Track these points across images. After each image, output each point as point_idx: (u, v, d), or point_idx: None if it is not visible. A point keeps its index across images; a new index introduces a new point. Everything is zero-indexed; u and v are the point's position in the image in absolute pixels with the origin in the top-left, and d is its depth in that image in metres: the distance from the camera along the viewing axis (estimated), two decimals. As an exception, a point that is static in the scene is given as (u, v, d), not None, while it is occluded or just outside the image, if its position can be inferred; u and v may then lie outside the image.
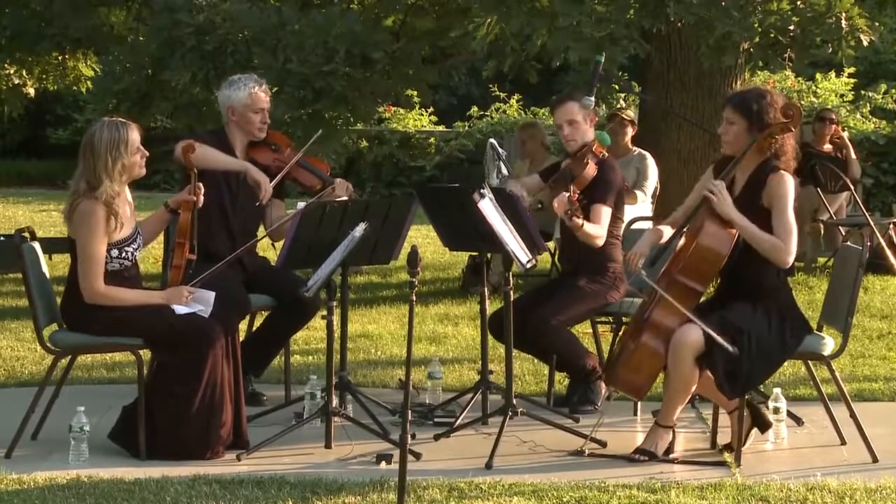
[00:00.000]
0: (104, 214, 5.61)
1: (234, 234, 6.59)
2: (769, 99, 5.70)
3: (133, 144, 5.69)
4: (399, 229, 6.14)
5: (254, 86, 6.61)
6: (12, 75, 12.44)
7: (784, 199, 5.57)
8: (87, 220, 5.61)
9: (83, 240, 5.63)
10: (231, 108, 6.63)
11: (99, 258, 5.63)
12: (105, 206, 5.61)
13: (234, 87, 6.63)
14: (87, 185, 5.63)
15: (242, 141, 6.65)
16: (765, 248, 5.55)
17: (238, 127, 6.63)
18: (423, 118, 20.21)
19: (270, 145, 6.70)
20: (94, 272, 5.63)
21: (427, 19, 11.16)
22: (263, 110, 6.62)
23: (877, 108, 18.21)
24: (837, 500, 5.13)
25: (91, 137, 5.67)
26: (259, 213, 6.68)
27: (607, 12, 8.10)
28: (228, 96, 6.64)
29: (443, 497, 5.13)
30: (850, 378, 7.30)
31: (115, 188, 5.65)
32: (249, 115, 6.60)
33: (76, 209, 5.63)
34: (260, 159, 6.62)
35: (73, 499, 5.04)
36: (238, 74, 6.82)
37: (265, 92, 6.67)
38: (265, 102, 6.64)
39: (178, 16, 9.50)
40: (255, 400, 6.57)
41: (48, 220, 15.16)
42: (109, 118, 5.78)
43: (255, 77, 6.74)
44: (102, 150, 5.63)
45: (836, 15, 8.18)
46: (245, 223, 6.66)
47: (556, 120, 6.67)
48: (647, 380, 5.71)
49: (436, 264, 12.17)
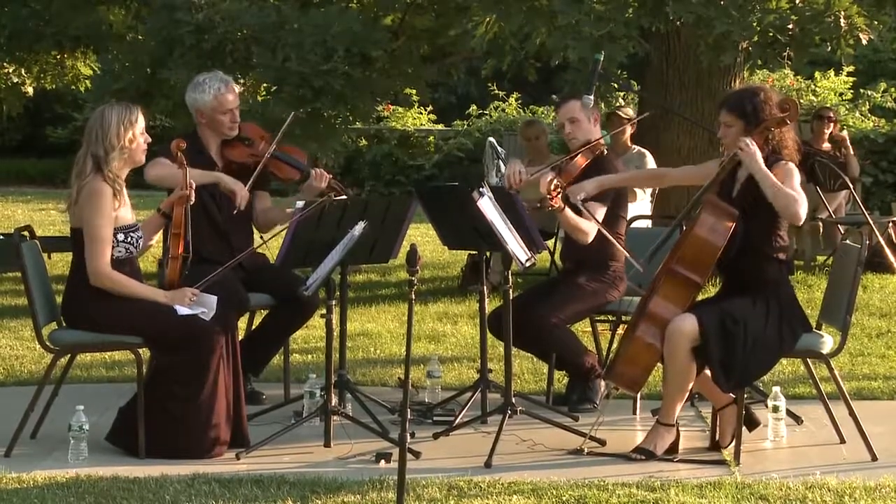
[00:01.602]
0: (111, 194, 5.61)
1: (224, 232, 6.54)
2: (763, 96, 5.71)
3: (141, 123, 5.71)
4: (398, 228, 6.14)
5: (220, 87, 6.50)
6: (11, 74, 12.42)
7: (791, 178, 5.58)
8: (95, 200, 5.60)
9: (90, 220, 5.61)
10: (199, 112, 6.56)
11: (106, 238, 5.61)
12: (109, 185, 5.60)
13: (198, 89, 6.53)
14: (93, 163, 5.62)
15: (216, 141, 6.59)
16: (781, 202, 5.53)
17: (208, 128, 6.57)
18: (422, 117, 20.19)
19: (244, 140, 6.61)
20: (101, 252, 5.61)
21: (426, 18, 11.15)
22: (232, 111, 6.53)
23: (876, 107, 18.20)
24: (837, 498, 5.13)
25: (101, 112, 5.69)
26: (245, 209, 6.64)
27: (606, 11, 8.09)
28: (195, 99, 6.55)
29: (442, 496, 5.13)
30: (850, 376, 7.30)
31: (119, 168, 5.64)
32: (218, 118, 6.52)
33: (82, 190, 5.62)
34: (235, 157, 6.56)
35: (72, 498, 5.04)
36: (203, 75, 6.67)
37: (232, 91, 6.56)
38: (233, 103, 6.53)
39: (177, 14, 9.49)
40: (255, 399, 6.57)
41: (47, 219, 15.15)
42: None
43: (221, 76, 6.61)
44: (114, 121, 5.63)
45: (834, 13, 8.18)
46: (234, 220, 6.58)
47: (558, 118, 6.69)
48: (643, 373, 5.72)
49: (435, 263, 12.16)
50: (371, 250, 6.11)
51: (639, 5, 8.32)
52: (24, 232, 6.00)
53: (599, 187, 6.22)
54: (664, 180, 6.70)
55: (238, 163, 6.54)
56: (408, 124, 19.87)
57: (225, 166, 6.57)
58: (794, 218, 5.58)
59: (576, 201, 6.12)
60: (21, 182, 21.64)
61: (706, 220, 5.61)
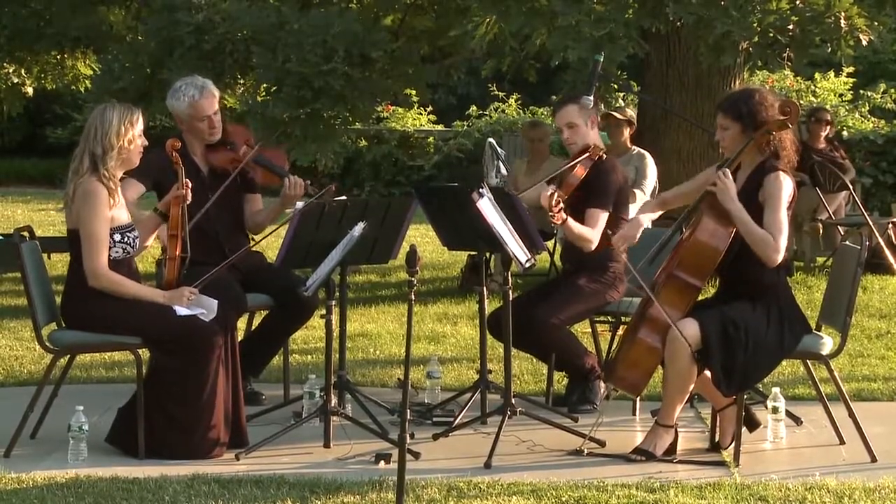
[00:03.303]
0: (106, 194, 5.61)
1: (216, 233, 6.53)
2: (758, 98, 5.69)
3: (140, 125, 5.71)
4: (398, 228, 6.14)
5: (195, 94, 6.45)
6: (11, 74, 12.42)
7: (777, 198, 5.55)
8: (90, 200, 5.60)
9: (86, 220, 5.61)
10: (178, 118, 6.54)
11: (102, 238, 5.61)
12: (105, 185, 5.60)
13: (175, 96, 6.50)
14: (90, 161, 5.62)
15: (200, 145, 6.57)
16: (755, 241, 5.52)
17: (190, 133, 6.54)
18: (421, 117, 20.18)
19: (227, 145, 6.58)
20: (97, 252, 5.61)
21: (426, 18, 11.15)
22: (209, 117, 6.48)
23: (876, 108, 18.19)
24: (836, 499, 5.13)
25: (102, 111, 5.68)
26: (236, 209, 6.63)
27: (606, 11, 8.09)
28: (172, 106, 6.52)
29: (441, 496, 5.13)
30: (849, 378, 7.30)
31: (114, 169, 5.64)
32: (195, 125, 6.49)
33: (78, 189, 5.62)
34: (217, 162, 6.54)
35: (71, 498, 5.04)
36: (181, 81, 6.61)
37: (209, 97, 6.47)
38: (209, 109, 6.47)
39: (176, 15, 9.49)
40: (254, 399, 6.56)
41: (47, 220, 15.15)
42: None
43: (199, 83, 6.52)
44: (115, 121, 5.63)
45: (835, 14, 8.18)
46: (225, 221, 6.57)
47: (556, 123, 6.69)
48: (644, 376, 5.72)
49: (435, 263, 12.16)
50: (371, 251, 6.11)
51: (639, 6, 8.32)
52: (23, 232, 6.00)
53: (638, 227, 5.98)
54: (667, 205, 6.46)
55: (220, 167, 6.53)
56: (408, 125, 19.86)
57: (209, 170, 6.57)
58: (767, 261, 5.53)
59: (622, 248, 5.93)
60: (21, 182, 21.64)
61: (707, 224, 5.60)
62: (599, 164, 6.52)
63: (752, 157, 5.68)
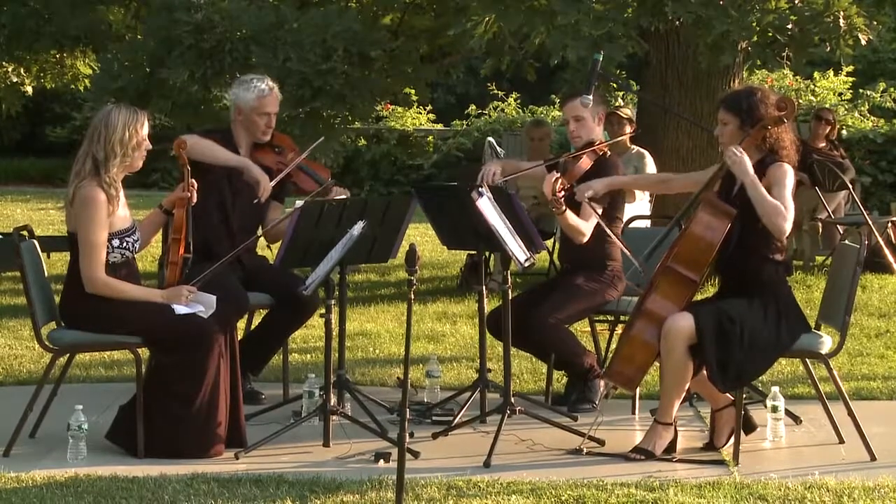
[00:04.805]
0: (105, 200, 5.61)
1: (233, 233, 6.58)
2: (759, 95, 5.73)
3: (146, 130, 5.71)
4: (397, 228, 6.14)
5: (264, 88, 6.58)
6: (10, 73, 12.42)
7: (782, 183, 5.57)
8: (89, 206, 5.60)
9: (84, 226, 5.61)
10: (238, 108, 6.62)
11: (100, 245, 5.61)
12: (105, 191, 5.60)
13: (243, 86, 6.61)
14: (92, 165, 5.62)
15: (247, 141, 6.63)
16: (766, 211, 5.52)
17: (243, 127, 6.62)
18: (421, 116, 20.19)
19: (274, 147, 6.68)
20: (95, 259, 5.61)
21: (425, 17, 11.15)
22: (269, 115, 6.59)
23: (875, 107, 18.20)
24: (835, 498, 5.13)
25: (108, 114, 5.68)
26: (258, 213, 6.67)
27: (605, 11, 8.09)
28: (237, 95, 6.62)
29: (441, 495, 5.13)
30: (848, 377, 7.30)
31: (117, 173, 5.64)
32: (254, 118, 6.58)
33: (77, 194, 5.62)
34: (263, 160, 6.60)
35: (71, 497, 5.04)
36: (251, 75, 6.77)
37: (275, 97, 6.62)
38: (272, 107, 6.60)
39: (176, 14, 9.49)
40: (254, 398, 6.57)
41: (46, 219, 15.14)
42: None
43: (269, 81, 6.66)
44: (120, 125, 5.63)
45: (834, 13, 8.18)
46: (244, 223, 6.65)
47: (564, 114, 6.72)
48: (639, 371, 5.73)
49: (434, 263, 12.16)
50: (370, 250, 6.11)
51: (638, 5, 8.31)
52: (23, 231, 5.99)
53: (608, 187, 6.24)
54: (671, 185, 6.62)
55: (264, 167, 6.56)
56: (407, 124, 19.87)
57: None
58: (777, 231, 5.54)
59: (582, 199, 6.13)
60: (20, 182, 21.62)
61: (703, 218, 5.63)
62: (603, 159, 6.54)
63: (751, 155, 5.69)
